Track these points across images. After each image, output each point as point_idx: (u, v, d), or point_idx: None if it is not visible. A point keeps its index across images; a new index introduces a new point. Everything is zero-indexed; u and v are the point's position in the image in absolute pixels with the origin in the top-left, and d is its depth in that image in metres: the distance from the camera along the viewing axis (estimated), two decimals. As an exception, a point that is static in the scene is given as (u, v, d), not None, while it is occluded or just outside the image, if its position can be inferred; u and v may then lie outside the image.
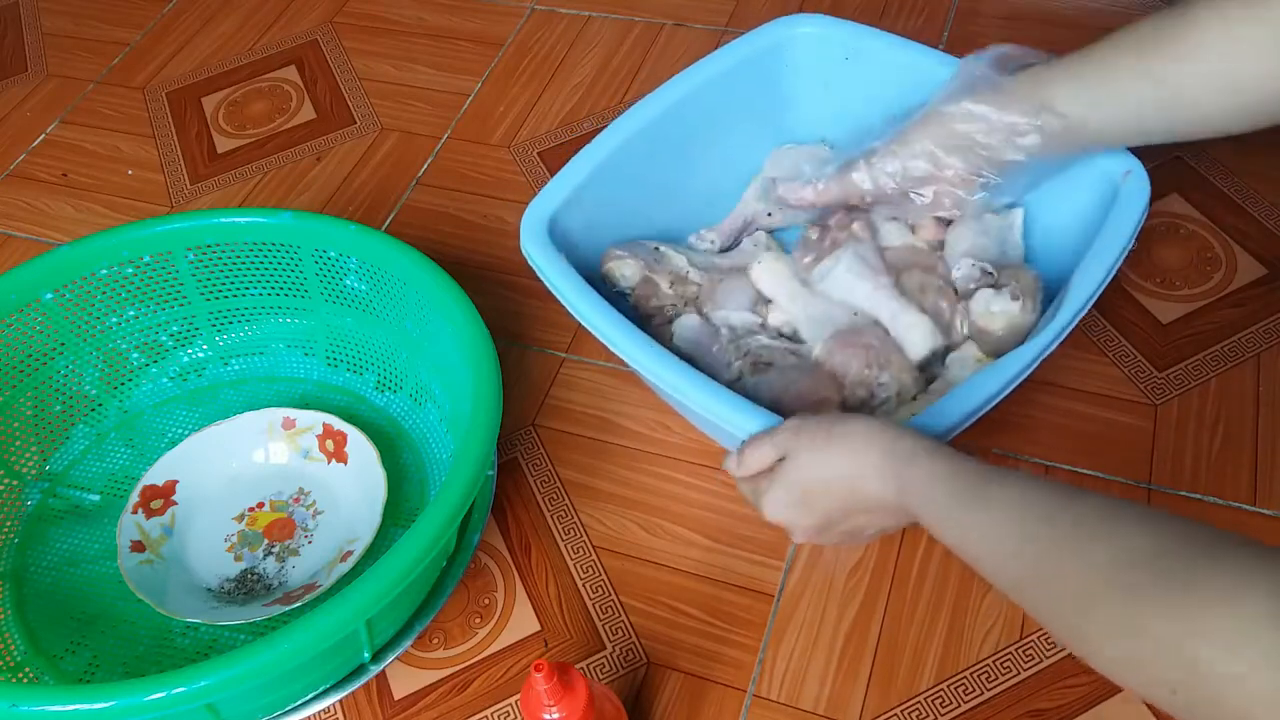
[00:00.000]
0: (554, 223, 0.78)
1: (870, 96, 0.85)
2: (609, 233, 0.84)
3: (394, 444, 0.86)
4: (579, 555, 0.80)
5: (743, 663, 0.74)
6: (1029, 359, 0.67)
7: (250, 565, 0.80)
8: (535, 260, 0.76)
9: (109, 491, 0.86)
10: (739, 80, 0.88)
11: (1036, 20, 1.16)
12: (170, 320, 0.89)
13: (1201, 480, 0.80)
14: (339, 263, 0.86)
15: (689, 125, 0.86)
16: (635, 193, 0.85)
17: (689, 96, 0.85)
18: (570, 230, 0.80)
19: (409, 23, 1.28)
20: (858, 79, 0.87)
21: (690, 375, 0.69)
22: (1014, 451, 0.82)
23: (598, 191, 0.82)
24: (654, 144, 0.85)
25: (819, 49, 0.88)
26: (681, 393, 0.69)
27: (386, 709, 0.74)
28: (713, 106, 0.87)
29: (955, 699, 0.71)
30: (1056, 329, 0.68)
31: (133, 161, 1.16)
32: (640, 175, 0.85)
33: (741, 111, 0.89)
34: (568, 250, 0.77)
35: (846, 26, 0.87)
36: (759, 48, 0.88)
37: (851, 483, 0.60)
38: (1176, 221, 0.95)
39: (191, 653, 0.76)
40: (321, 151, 1.14)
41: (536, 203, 0.79)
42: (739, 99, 0.88)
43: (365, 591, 0.62)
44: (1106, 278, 0.69)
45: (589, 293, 0.73)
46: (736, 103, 0.88)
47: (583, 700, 0.58)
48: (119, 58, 1.28)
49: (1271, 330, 0.87)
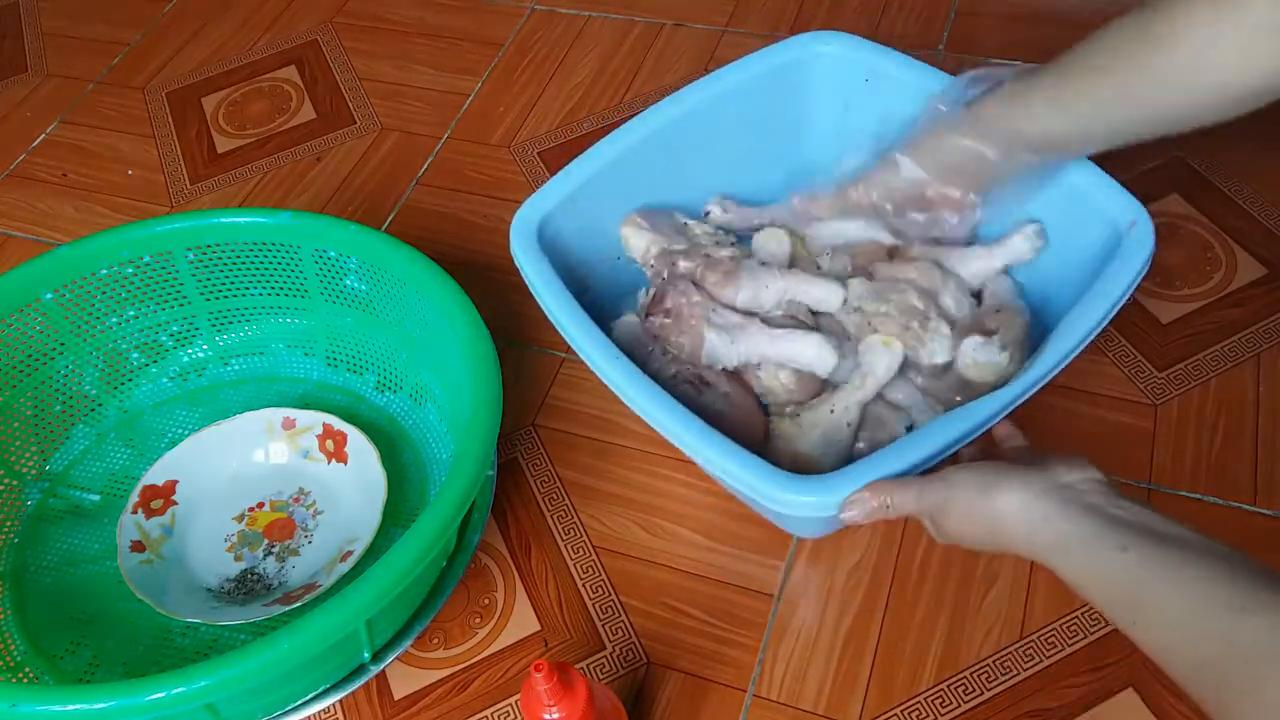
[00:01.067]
0: (546, 226, 0.78)
1: (887, 117, 0.82)
2: (604, 240, 0.84)
3: (394, 444, 0.86)
4: (579, 555, 0.80)
5: (743, 663, 0.74)
6: (990, 413, 0.64)
7: (250, 565, 0.80)
8: (521, 265, 0.76)
9: (109, 491, 0.86)
10: (755, 95, 0.86)
11: (1036, 20, 1.16)
12: (170, 320, 0.89)
13: (1201, 480, 0.79)
14: (339, 263, 0.86)
15: (698, 136, 0.85)
16: (636, 199, 0.85)
17: (701, 106, 0.84)
18: (564, 233, 0.79)
19: (409, 23, 1.28)
20: (876, 101, 0.84)
21: (639, 383, 0.68)
22: (1014, 451, 0.82)
23: (595, 196, 0.81)
24: (658, 152, 0.83)
25: (840, 69, 0.86)
26: (650, 416, 0.67)
27: (386, 709, 0.74)
28: (725, 119, 0.85)
29: (955, 699, 0.71)
30: (1027, 383, 0.65)
31: (133, 161, 1.16)
32: (642, 182, 0.84)
33: (755, 127, 0.87)
34: (562, 253, 0.77)
35: (868, 47, 0.85)
36: (778, 63, 0.85)
37: (1002, 549, 0.58)
38: (1176, 221, 0.95)
39: (191, 653, 0.76)
40: (321, 151, 1.14)
41: (527, 206, 0.78)
42: (753, 114, 0.87)
43: (365, 591, 0.62)
44: (1093, 332, 0.66)
45: (574, 309, 0.72)
46: (750, 117, 0.87)
47: (583, 700, 0.58)
48: (119, 58, 1.28)
49: (1272, 330, 0.87)
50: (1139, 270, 0.68)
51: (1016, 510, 0.55)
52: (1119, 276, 0.68)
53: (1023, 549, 0.55)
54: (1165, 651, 0.47)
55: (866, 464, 0.62)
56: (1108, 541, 0.51)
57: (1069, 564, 0.52)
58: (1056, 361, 0.65)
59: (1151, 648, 0.48)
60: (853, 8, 1.20)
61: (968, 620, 0.74)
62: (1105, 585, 0.50)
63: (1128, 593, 0.49)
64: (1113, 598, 0.50)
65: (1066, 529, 0.53)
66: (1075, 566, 0.52)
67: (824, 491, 0.62)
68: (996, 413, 0.64)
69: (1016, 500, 0.55)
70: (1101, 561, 0.51)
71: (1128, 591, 0.49)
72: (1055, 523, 0.53)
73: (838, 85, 0.86)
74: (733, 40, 1.18)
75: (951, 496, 0.58)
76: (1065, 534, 0.53)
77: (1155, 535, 0.50)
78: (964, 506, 0.58)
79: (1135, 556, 0.49)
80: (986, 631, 0.74)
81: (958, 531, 0.59)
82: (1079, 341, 0.66)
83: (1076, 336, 0.66)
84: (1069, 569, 0.52)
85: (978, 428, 0.64)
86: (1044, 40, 1.13)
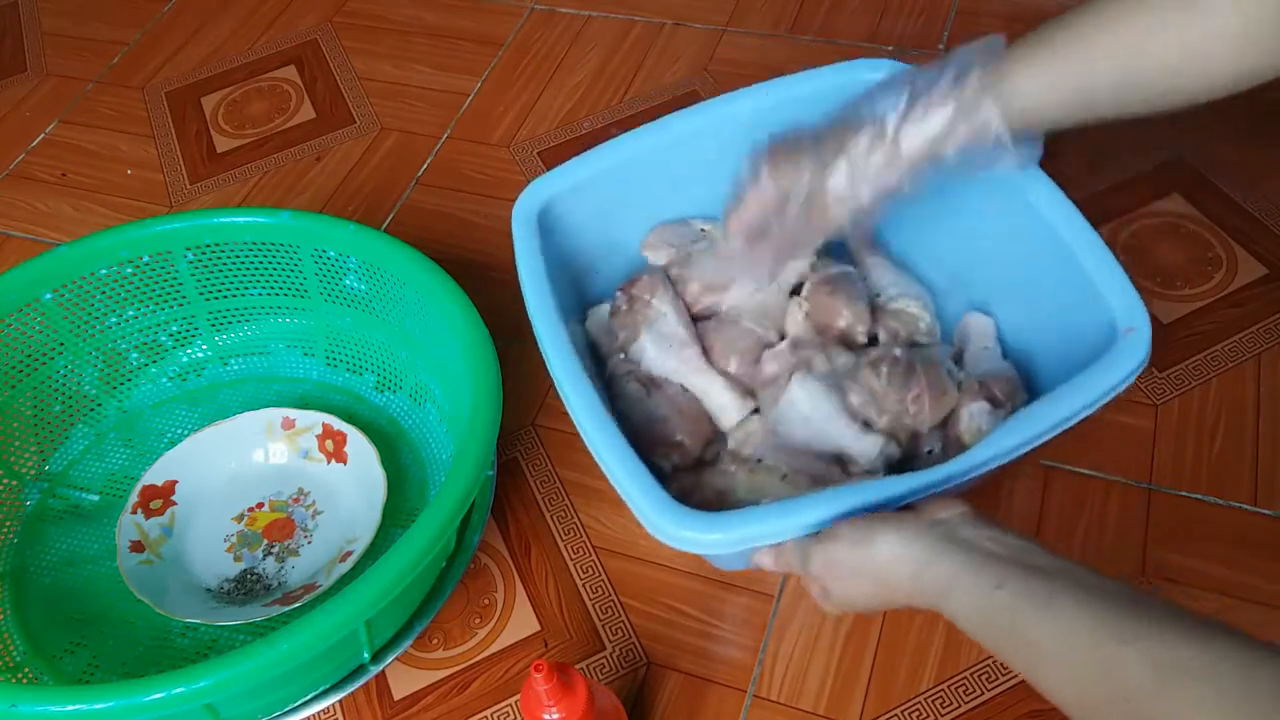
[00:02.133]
0: (552, 208, 0.78)
1: None
2: (615, 232, 0.84)
3: (394, 444, 0.86)
4: (579, 555, 0.80)
5: (743, 663, 0.74)
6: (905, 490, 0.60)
7: (250, 565, 0.80)
8: (516, 246, 0.76)
9: (108, 491, 0.85)
10: (791, 115, 0.82)
11: (1036, 20, 1.15)
12: (170, 320, 0.89)
13: (1202, 480, 0.79)
14: (338, 262, 0.86)
15: (725, 145, 0.81)
16: (652, 198, 0.85)
17: (733, 117, 0.82)
18: (573, 218, 0.79)
19: (408, 22, 1.28)
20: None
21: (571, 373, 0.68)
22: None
23: (610, 188, 0.81)
24: (679, 156, 0.82)
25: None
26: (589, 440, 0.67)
27: (386, 709, 0.74)
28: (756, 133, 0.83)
29: (955, 699, 0.71)
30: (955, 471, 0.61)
31: (132, 161, 1.16)
32: (658, 183, 0.84)
33: None
34: (569, 237, 0.76)
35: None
36: (822, 86, 0.82)
37: (892, 603, 0.57)
38: (1177, 221, 0.95)
39: (191, 653, 0.75)
40: (321, 151, 1.14)
41: (535, 185, 0.79)
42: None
43: (365, 592, 0.62)
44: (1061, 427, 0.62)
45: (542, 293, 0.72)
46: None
47: (582, 700, 0.58)
48: (118, 57, 1.28)
49: (1272, 330, 0.87)
50: (1130, 374, 0.63)
51: (897, 554, 0.54)
52: (1106, 376, 0.62)
53: (912, 594, 0.54)
54: (1052, 688, 0.46)
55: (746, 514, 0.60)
56: (983, 580, 0.50)
57: (951, 605, 0.51)
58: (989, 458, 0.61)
59: (1041, 686, 0.46)
60: (853, 8, 1.20)
61: (968, 620, 0.74)
62: (986, 626, 0.49)
63: (1006, 632, 0.48)
64: (994, 638, 0.49)
65: (944, 570, 0.52)
66: (958, 607, 0.51)
67: (692, 527, 0.60)
68: (913, 491, 0.60)
69: (895, 543, 0.54)
70: (981, 602, 0.49)
71: (1006, 631, 0.48)
72: (934, 565, 0.52)
73: None
74: (732, 40, 1.18)
75: (833, 550, 0.57)
76: (944, 576, 0.52)
77: (1028, 569, 0.49)
78: (846, 558, 0.57)
79: (1008, 595, 0.48)
80: (987, 632, 0.74)
81: (844, 591, 0.58)
82: (1020, 445, 0.62)
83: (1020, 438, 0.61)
84: (952, 610, 0.51)
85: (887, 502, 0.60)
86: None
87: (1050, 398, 0.63)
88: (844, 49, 1.15)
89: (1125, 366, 0.63)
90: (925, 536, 0.54)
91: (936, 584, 0.52)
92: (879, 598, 0.57)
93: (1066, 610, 0.46)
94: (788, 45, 1.17)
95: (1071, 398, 0.62)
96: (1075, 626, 0.45)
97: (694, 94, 1.12)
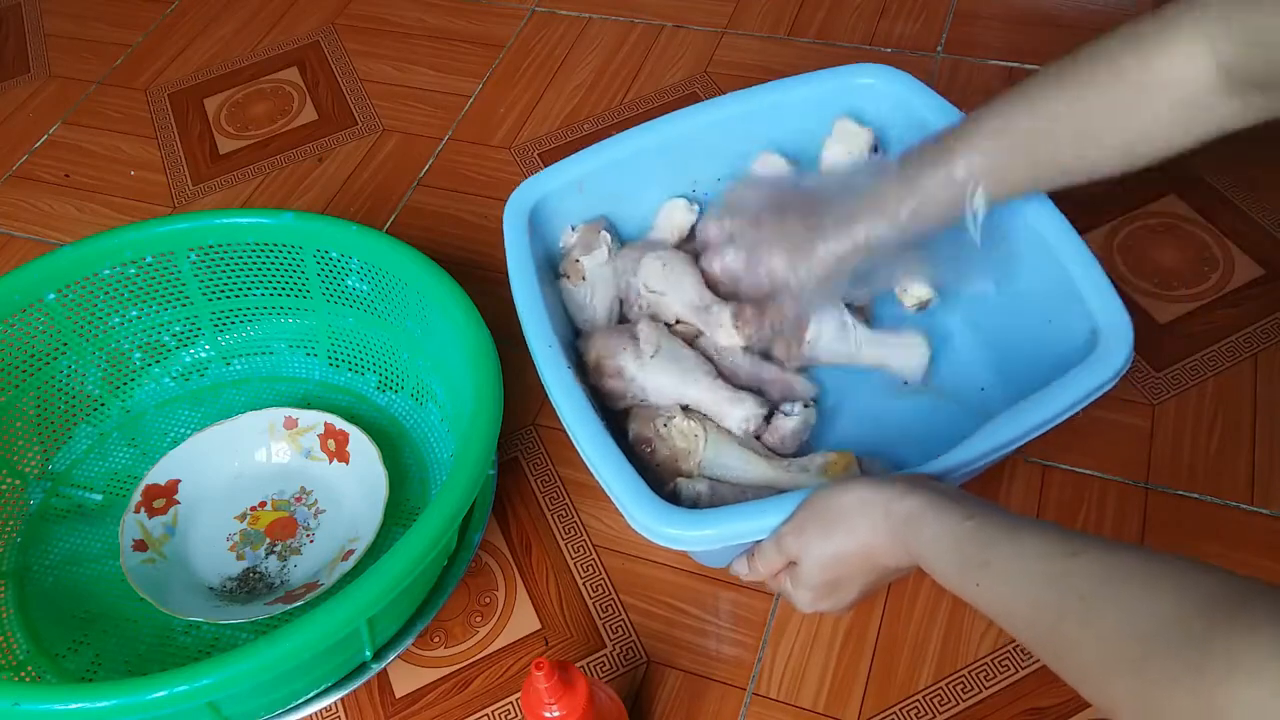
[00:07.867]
0: (543, 205, 0.79)
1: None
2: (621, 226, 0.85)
3: (395, 443, 0.86)
4: (579, 554, 0.81)
5: (742, 661, 0.74)
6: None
7: (252, 564, 0.80)
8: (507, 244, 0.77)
9: (111, 491, 0.86)
10: (786, 117, 0.85)
11: (1034, 23, 1.16)
12: (173, 320, 0.90)
13: (1199, 480, 0.80)
14: (341, 263, 0.86)
15: (718, 144, 0.84)
16: (640, 197, 0.85)
17: (729, 117, 0.84)
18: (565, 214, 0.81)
19: (410, 24, 1.28)
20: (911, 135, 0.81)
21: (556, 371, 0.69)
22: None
23: (605, 185, 0.82)
24: (675, 153, 0.84)
25: (878, 100, 0.85)
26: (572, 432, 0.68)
27: (388, 707, 0.75)
28: (753, 134, 0.85)
29: (954, 697, 0.71)
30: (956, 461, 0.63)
31: (135, 162, 1.16)
32: (652, 182, 0.85)
33: (780, 147, 0.86)
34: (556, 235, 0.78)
35: (905, 82, 0.83)
36: (819, 91, 0.84)
37: (866, 558, 0.59)
38: (1174, 222, 0.96)
39: (194, 651, 0.76)
40: (323, 152, 1.14)
41: (528, 184, 0.80)
42: (781, 135, 0.86)
43: (367, 590, 0.62)
44: (1036, 432, 0.64)
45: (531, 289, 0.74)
46: (780, 139, 0.86)
47: (583, 698, 0.59)
48: (121, 59, 1.29)
49: (1269, 330, 0.87)
50: (1105, 383, 0.64)
51: (866, 497, 0.58)
52: (1080, 383, 0.64)
53: (883, 537, 0.57)
54: (1006, 605, 0.50)
55: (720, 512, 0.63)
56: (955, 512, 0.54)
57: (920, 535, 0.55)
58: (973, 458, 0.63)
59: (994, 607, 0.51)
60: (852, 9, 1.20)
61: (966, 618, 0.74)
62: (954, 550, 0.53)
63: (972, 555, 0.52)
64: (960, 561, 0.53)
65: (915, 502, 0.56)
66: (927, 536, 0.55)
67: (669, 523, 0.62)
68: None
69: (864, 485, 0.59)
70: (950, 529, 0.54)
71: (972, 554, 0.52)
72: (905, 499, 0.56)
73: (871, 118, 0.85)
74: (732, 42, 1.19)
75: (802, 513, 0.61)
76: (914, 507, 0.56)
77: (992, 508, 0.54)
78: (818, 512, 0.60)
79: (978, 524, 0.53)
80: (985, 630, 0.74)
81: (814, 558, 0.60)
82: (991, 450, 0.63)
83: (992, 443, 0.63)
84: (919, 539, 0.55)
85: None
86: (1041, 42, 1.14)
87: (1030, 401, 0.64)
88: (843, 51, 1.15)
89: (1107, 369, 0.64)
90: (896, 482, 0.58)
91: (908, 515, 0.56)
92: (848, 559, 0.59)
93: (1029, 536, 0.51)
94: (787, 47, 1.18)
95: (1046, 404, 0.64)
96: (1035, 545, 0.50)
97: (694, 95, 1.13)
